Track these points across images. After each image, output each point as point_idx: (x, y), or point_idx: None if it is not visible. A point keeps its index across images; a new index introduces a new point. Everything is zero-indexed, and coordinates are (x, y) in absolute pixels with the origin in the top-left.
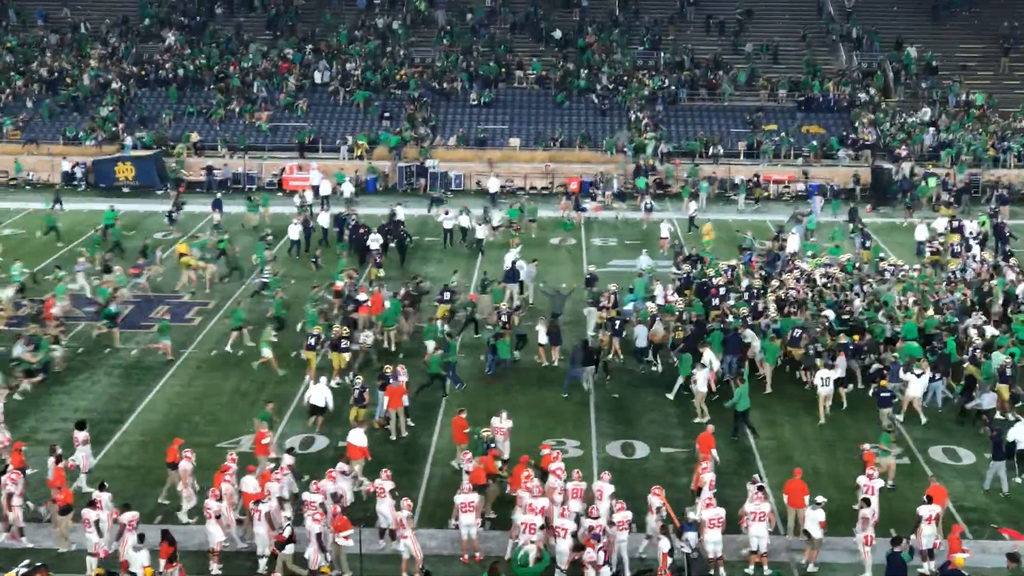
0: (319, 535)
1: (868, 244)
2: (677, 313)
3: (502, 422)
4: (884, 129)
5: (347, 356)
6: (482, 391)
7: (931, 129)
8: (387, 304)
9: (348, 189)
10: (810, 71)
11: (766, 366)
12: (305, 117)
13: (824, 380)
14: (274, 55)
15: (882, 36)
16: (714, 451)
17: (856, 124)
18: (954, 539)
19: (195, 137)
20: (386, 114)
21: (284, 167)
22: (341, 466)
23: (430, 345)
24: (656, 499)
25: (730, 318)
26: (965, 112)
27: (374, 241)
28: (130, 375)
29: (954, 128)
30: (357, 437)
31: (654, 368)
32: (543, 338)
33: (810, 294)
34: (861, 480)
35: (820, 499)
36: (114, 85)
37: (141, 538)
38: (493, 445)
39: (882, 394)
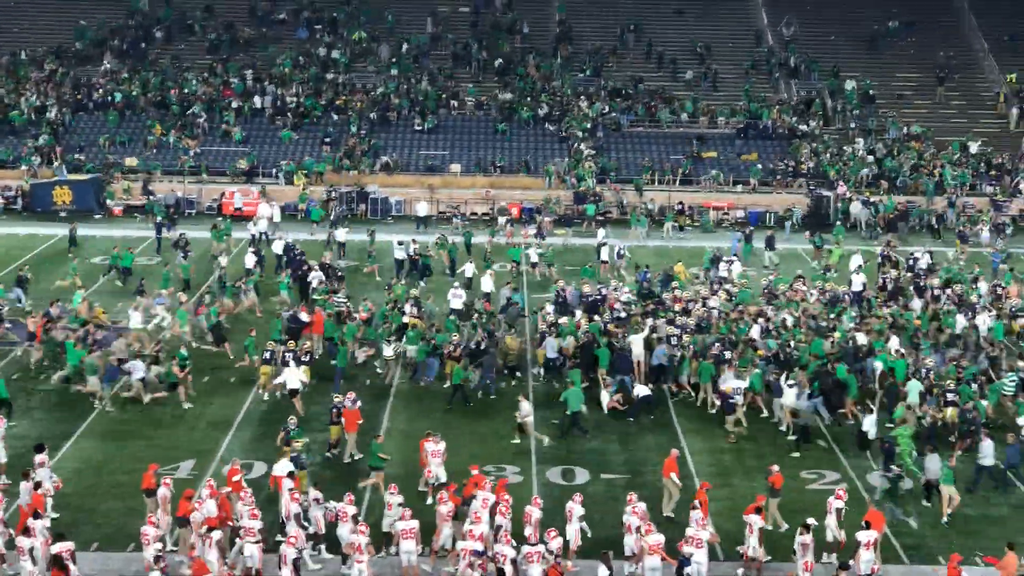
0: (295, 559)
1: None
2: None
3: (436, 444)
4: (823, 159)
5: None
6: (424, 414)
7: (870, 157)
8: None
9: (275, 213)
10: (750, 100)
11: (702, 387)
12: (243, 144)
13: (736, 390)
14: (215, 81)
15: (821, 65)
16: (674, 475)
17: (798, 156)
18: (952, 568)
19: (131, 162)
20: (327, 139)
21: (223, 192)
22: (314, 493)
23: (411, 349)
24: (635, 518)
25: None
26: (904, 143)
27: (315, 278)
28: (66, 401)
29: (886, 163)
30: (283, 468)
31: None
32: None
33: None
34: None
35: (811, 521)
36: (50, 115)
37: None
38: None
39: (729, 400)
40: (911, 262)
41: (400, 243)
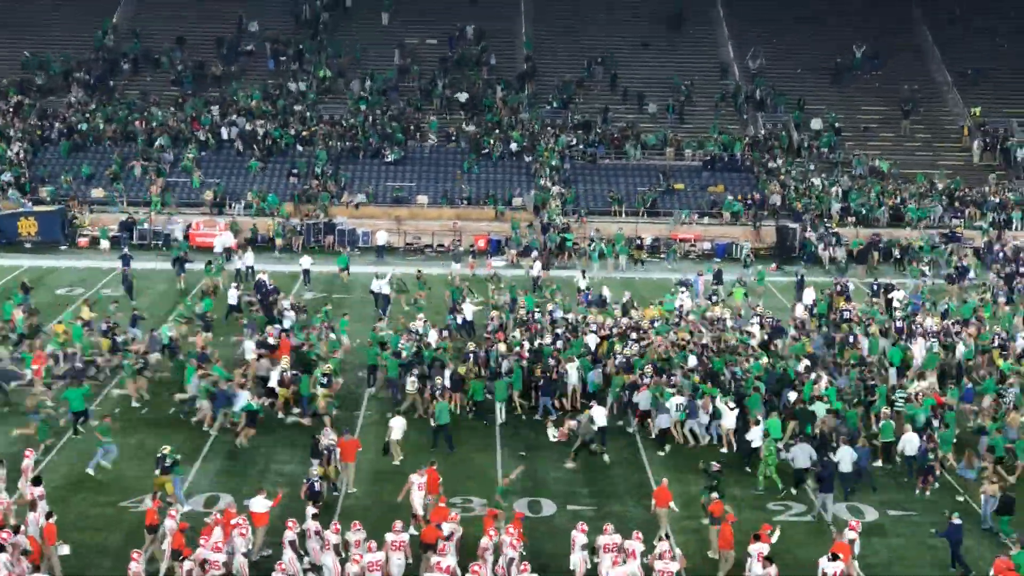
0: None
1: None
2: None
3: (421, 477)
4: (789, 193)
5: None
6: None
7: (836, 190)
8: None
9: (223, 243)
10: (720, 132)
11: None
12: (202, 183)
13: (678, 406)
14: (183, 115)
15: (787, 98)
16: (672, 504)
17: (766, 190)
18: None
19: (98, 193)
20: (294, 170)
21: (191, 223)
22: (314, 525)
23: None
24: (639, 544)
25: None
26: (872, 177)
27: (287, 319)
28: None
29: (852, 197)
30: (259, 504)
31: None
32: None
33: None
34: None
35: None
36: (11, 151)
37: None
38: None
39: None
40: (875, 287)
41: (379, 275)
